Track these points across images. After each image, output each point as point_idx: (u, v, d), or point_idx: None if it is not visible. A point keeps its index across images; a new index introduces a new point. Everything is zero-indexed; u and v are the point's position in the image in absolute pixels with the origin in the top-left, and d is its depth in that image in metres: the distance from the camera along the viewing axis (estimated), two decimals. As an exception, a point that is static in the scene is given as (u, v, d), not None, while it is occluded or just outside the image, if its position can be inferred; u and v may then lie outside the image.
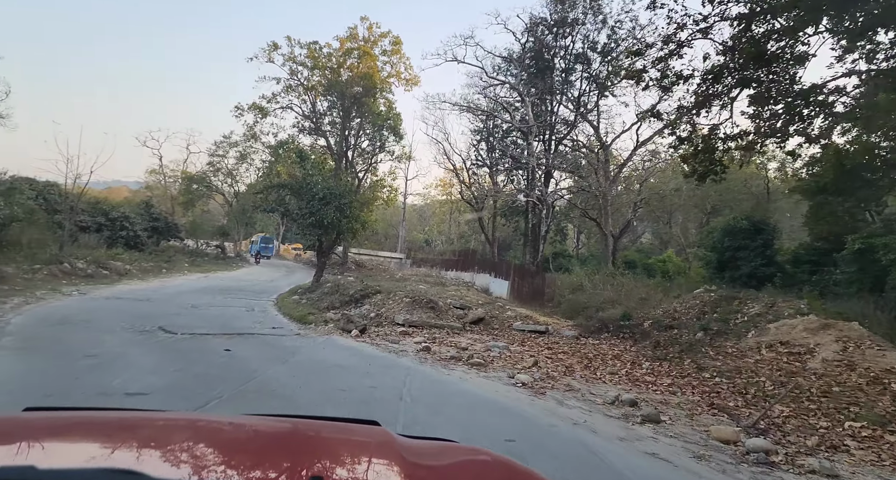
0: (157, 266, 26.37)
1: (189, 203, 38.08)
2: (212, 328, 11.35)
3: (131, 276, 22.40)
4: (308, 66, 40.41)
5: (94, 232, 29.16)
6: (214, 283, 23.36)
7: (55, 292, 15.12)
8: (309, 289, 20.82)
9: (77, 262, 20.79)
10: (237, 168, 37.55)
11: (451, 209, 62.83)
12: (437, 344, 10.99)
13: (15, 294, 13.50)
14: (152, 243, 32.43)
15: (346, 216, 21.71)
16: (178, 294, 17.95)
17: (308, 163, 20.94)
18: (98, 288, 17.53)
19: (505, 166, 33.52)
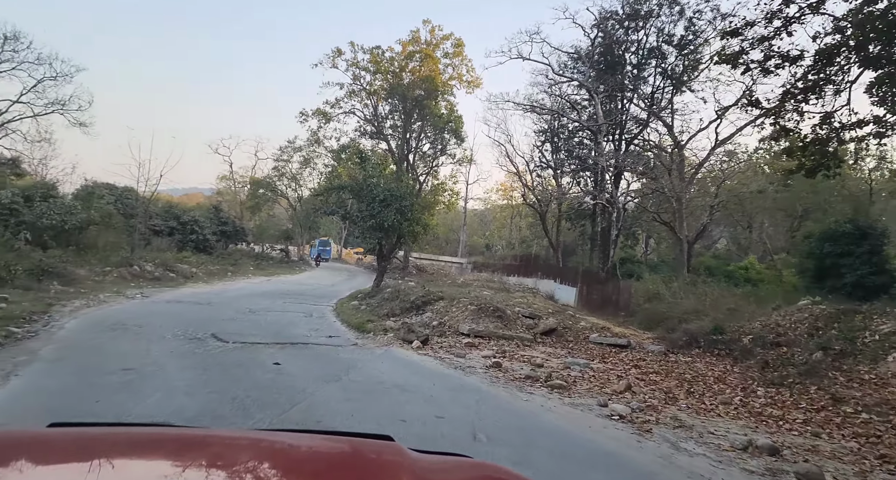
0: (223, 269, 26.34)
1: (255, 208, 38.43)
2: (265, 335, 10.48)
3: (197, 279, 22.29)
4: (371, 70, 40.12)
5: (166, 236, 29.67)
6: (276, 287, 22.93)
7: (119, 294, 14.85)
8: (369, 294, 19.94)
9: (146, 265, 20.83)
10: (301, 173, 37.70)
11: (512, 214, 61.25)
12: (508, 359, 9.64)
13: (80, 297, 13.22)
14: (220, 247, 32.75)
15: (407, 219, 20.72)
16: (239, 298, 17.44)
17: (369, 164, 20.13)
18: (162, 291, 17.27)
19: (571, 168, 31.72)
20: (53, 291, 13.17)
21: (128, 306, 13.13)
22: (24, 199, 20.06)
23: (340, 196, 20.84)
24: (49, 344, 7.92)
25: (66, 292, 13.35)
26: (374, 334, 11.58)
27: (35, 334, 8.76)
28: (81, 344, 8.11)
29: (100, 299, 13.38)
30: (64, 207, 20.66)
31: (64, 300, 12.24)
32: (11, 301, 10.86)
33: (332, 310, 16.55)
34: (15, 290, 12.32)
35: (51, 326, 9.46)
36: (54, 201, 20.59)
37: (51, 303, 11.27)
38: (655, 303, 19.61)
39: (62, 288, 13.88)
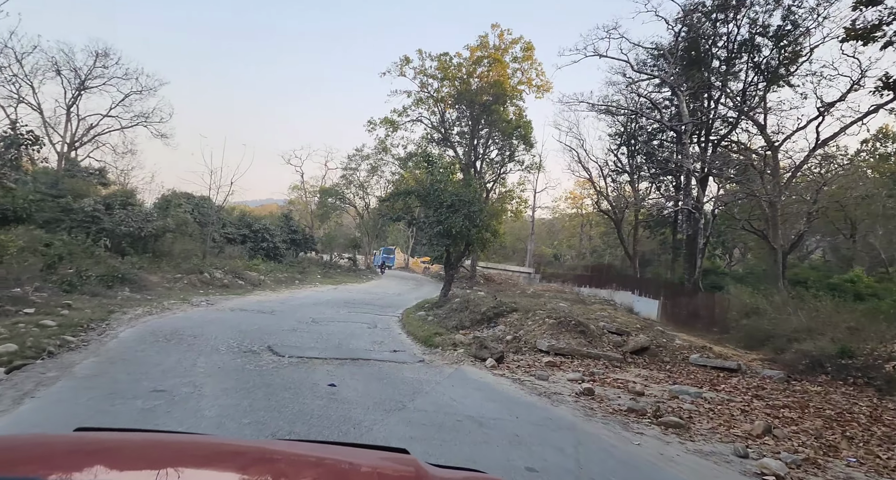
0: (291, 277, 26.07)
1: (324, 216, 38.48)
2: (325, 349, 9.48)
3: (264, 286, 21.98)
4: (438, 77, 39.45)
5: (239, 243, 29.94)
6: (342, 295, 22.26)
7: (184, 302, 14.44)
8: (436, 304, 18.80)
9: (215, 272, 20.70)
10: (368, 181, 37.42)
11: (582, 223, 58.84)
12: (600, 384, 8.12)
13: (145, 304, 12.83)
14: (290, 255, 32.78)
15: (476, 225, 19.47)
16: (303, 306, 16.75)
17: (436, 168, 19.11)
18: (228, 299, 16.86)
19: (651, 172, 29.45)
20: (120, 297, 12.84)
21: (190, 314, 12.59)
22: (105, 207, 20.45)
23: (407, 202, 19.90)
24: (91, 357, 7.20)
25: (133, 299, 13.00)
26: (442, 349, 10.33)
27: (86, 344, 8.14)
28: (124, 357, 7.34)
29: (164, 306, 12.93)
30: (141, 214, 20.91)
31: (127, 307, 11.82)
32: (75, 308, 10.47)
33: (397, 321, 15.51)
34: (83, 296, 12.03)
35: (105, 335, 8.85)
36: (132, 208, 20.87)
37: (112, 310, 10.80)
38: (755, 319, 17.29)
39: (130, 295, 13.58)
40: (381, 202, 22.98)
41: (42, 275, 13.37)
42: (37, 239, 17.10)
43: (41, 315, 9.37)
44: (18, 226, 11.69)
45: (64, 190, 21.05)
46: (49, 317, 9.23)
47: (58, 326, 8.74)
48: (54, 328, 8.63)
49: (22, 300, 9.90)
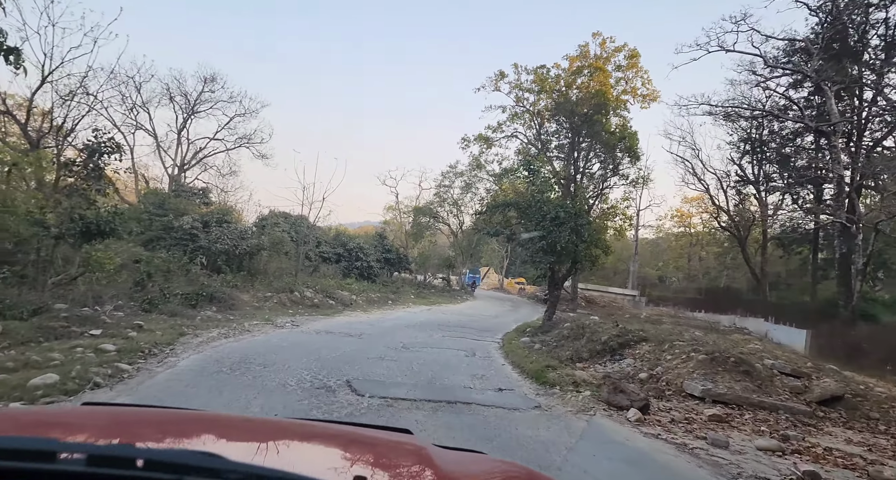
0: (384, 297, 24.79)
1: (418, 235, 37.37)
2: (415, 385, 7.58)
3: (355, 307, 20.75)
4: (534, 90, 37.55)
5: (333, 262, 29.36)
6: (436, 317, 20.50)
7: (268, 322, 13.25)
8: (540, 329, 16.47)
9: (306, 291, 19.75)
10: (462, 198, 35.90)
11: (691, 242, 53.77)
12: (811, 457, 5.50)
13: (224, 324, 11.70)
14: (384, 275, 31.79)
15: (584, 240, 17.03)
16: (394, 329, 15.11)
17: (538, 177, 16.99)
18: (316, 319, 15.60)
19: (787, 182, 25.35)
20: (200, 317, 11.80)
21: (270, 336, 11.25)
22: (203, 224, 20.27)
23: (505, 215, 17.88)
24: (129, 394, 5.78)
25: (212, 320, 11.93)
26: (560, 389, 8.04)
27: (136, 373, 6.81)
28: (168, 394, 5.86)
29: (243, 327, 11.72)
30: (236, 231, 20.54)
31: (203, 328, 10.67)
32: (145, 329, 9.39)
33: (498, 348, 13.38)
34: (160, 316, 11.08)
35: (163, 362, 7.53)
36: (227, 226, 20.56)
37: (184, 333, 9.64)
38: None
39: (212, 314, 12.58)
40: (478, 216, 21.13)
41: (130, 292, 12.76)
42: (134, 256, 16.95)
43: (105, 338, 8.28)
44: (104, 240, 10.94)
45: (168, 209, 21.23)
46: (112, 340, 8.11)
47: (117, 351, 7.54)
48: (112, 353, 7.42)
49: (92, 320, 8.94)
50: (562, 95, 36.11)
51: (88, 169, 10.19)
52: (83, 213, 10.38)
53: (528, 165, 17.24)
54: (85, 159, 10.12)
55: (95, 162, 10.09)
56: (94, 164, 10.13)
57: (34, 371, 6.38)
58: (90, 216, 10.44)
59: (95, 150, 10.07)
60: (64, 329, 8.26)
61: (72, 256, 10.95)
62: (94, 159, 10.07)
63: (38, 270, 10.03)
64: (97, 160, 10.13)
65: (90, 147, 10.11)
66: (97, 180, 10.15)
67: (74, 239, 10.43)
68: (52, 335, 7.96)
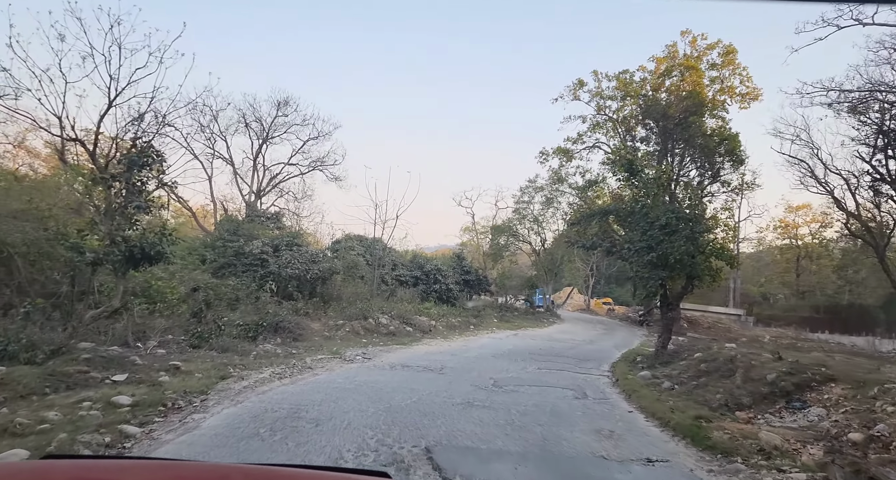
0: (465, 322, 22.50)
1: (497, 255, 34.92)
2: (524, 455, 5.18)
3: (435, 333, 18.59)
4: (617, 97, 34.63)
5: (410, 286, 27.58)
6: (524, 343, 17.92)
7: (336, 356, 11.30)
8: (656, 359, 13.54)
9: (381, 317, 17.86)
10: (543, 214, 33.20)
11: (799, 255, 47.92)
12: None
13: (282, 361, 9.82)
14: (463, 298, 29.59)
15: (702, 251, 14.03)
16: (480, 360, 12.75)
17: (641, 179, 14.23)
18: (391, 350, 13.54)
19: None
20: (255, 353, 10.01)
21: (335, 375, 9.24)
22: (273, 249, 19.05)
23: (602, 225, 15.17)
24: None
25: (269, 355, 10.12)
26: (745, 462, 5.28)
27: (142, 439, 4.90)
28: None
29: (305, 363, 9.80)
30: (307, 255, 19.14)
31: (254, 367, 8.83)
32: (183, 371, 7.65)
33: (610, 383, 10.67)
34: (210, 353, 9.41)
35: (187, 421, 5.62)
36: (298, 249, 19.20)
37: (227, 375, 7.79)
38: None
39: (270, 348, 10.80)
40: (570, 226, 18.50)
41: (186, 325, 11.31)
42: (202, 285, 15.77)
43: (129, 385, 6.56)
44: (151, 265, 9.46)
45: (241, 235, 20.26)
46: (135, 389, 6.37)
47: (132, 405, 5.74)
48: (124, 409, 5.63)
49: (118, 363, 7.29)
50: (648, 99, 32.94)
51: (129, 184, 8.73)
52: (125, 235, 8.92)
53: (629, 164, 14.52)
54: (123, 172, 8.68)
55: (136, 175, 8.62)
56: (135, 178, 8.67)
57: (6, 441, 4.62)
58: (134, 239, 8.95)
59: (134, 162, 8.62)
60: (81, 375, 6.61)
61: (115, 284, 9.54)
62: (134, 172, 8.62)
63: (73, 301, 8.62)
64: (137, 173, 8.67)
65: (128, 159, 8.68)
66: (137, 196, 8.67)
67: (116, 265, 8.99)
68: (63, 384, 6.31)
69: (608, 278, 53.72)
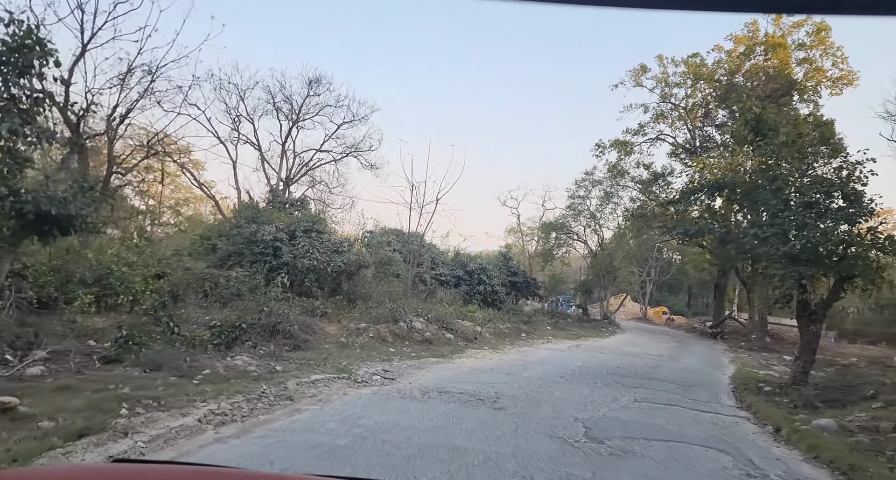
0: (515, 329, 18.52)
1: (547, 255, 30.74)
2: None
3: (482, 342, 14.72)
4: (685, 84, 30.17)
5: (452, 286, 23.82)
6: (594, 358, 13.83)
7: (343, 375, 7.59)
8: (792, 386, 9.37)
9: (416, 321, 14.12)
10: (601, 210, 28.86)
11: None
12: None
13: (255, 384, 6.16)
14: (510, 301, 25.58)
15: (862, 242, 9.72)
16: (547, 383, 8.83)
17: (771, 141, 9.98)
18: (425, 365, 9.75)
19: None
20: (204, 375, 6.28)
21: (328, 413, 5.52)
22: (290, 236, 15.65)
23: (710, 205, 11.00)
24: None
25: (236, 375, 6.47)
26: None
27: None
28: None
29: (286, 390, 6.12)
30: (329, 244, 15.64)
31: (184, 403, 5.14)
32: (20, 416, 4.05)
33: (763, 432, 6.61)
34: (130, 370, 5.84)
35: None
36: (318, 236, 15.72)
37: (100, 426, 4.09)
38: None
39: (242, 363, 7.14)
40: (666, 205, 14.32)
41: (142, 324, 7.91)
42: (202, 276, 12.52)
43: None
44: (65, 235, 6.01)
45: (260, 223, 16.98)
46: None
47: None
48: None
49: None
50: (722, 85, 28.35)
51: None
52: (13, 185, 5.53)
53: (755, 120, 10.24)
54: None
55: (12, 78, 5.17)
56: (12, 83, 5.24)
57: None
58: (29, 190, 5.55)
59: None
60: None
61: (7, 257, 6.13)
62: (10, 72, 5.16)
63: None
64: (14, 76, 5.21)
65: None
66: (15, 115, 5.19)
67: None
68: None
69: (660, 287, 48.55)
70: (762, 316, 23.08)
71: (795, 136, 10.17)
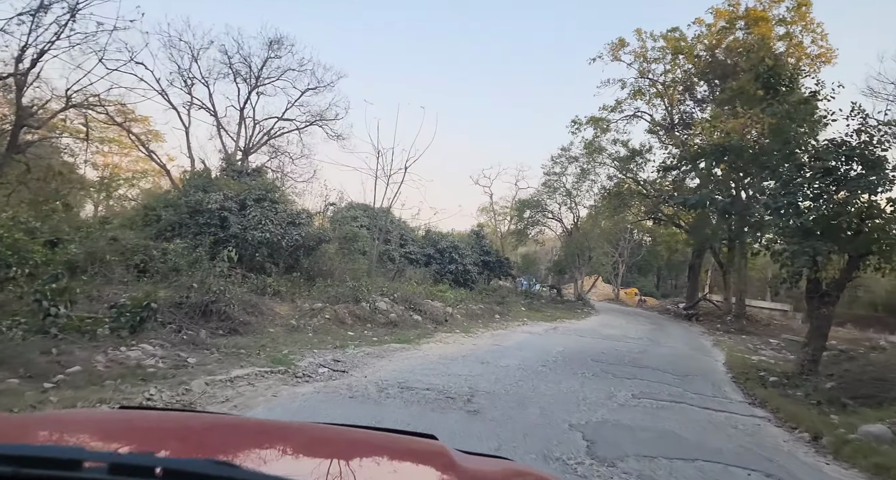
0: (488, 310, 17.11)
1: (521, 233, 29.36)
2: None
3: (452, 324, 13.24)
4: (664, 59, 28.85)
5: (422, 265, 22.30)
6: (574, 342, 12.51)
7: (279, 368, 5.96)
8: (801, 375, 8.19)
9: (380, 301, 12.50)
10: (577, 187, 27.48)
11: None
12: None
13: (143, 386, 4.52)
14: (482, 281, 24.21)
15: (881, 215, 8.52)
16: (528, 373, 7.40)
17: (789, 97, 8.54)
18: (386, 353, 8.19)
19: None
20: (66, 375, 4.53)
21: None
22: (239, 205, 13.76)
23: (712, 171, 9.63)
24: None
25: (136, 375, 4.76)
26: None
27: None
28: None
29: (188, 393, 4.44)
30: (286, 215, 13.83)
31: (65, 406, 3.48)
32: None
33: (791, 438, 5.32)
34: None
35: None
36: (273, 206, 13.88)
37: None
38: None
39: (140, 355, 5.42)
40: (662, 172, 12.91)
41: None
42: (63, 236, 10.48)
43: None
44: None
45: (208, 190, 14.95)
46: None
47: None
48: None
49: None
50: (701, 61, 27.14)
51: None
52: None
53: (767, 73, 8.78)
54: None
55: None
56: None
57: None
58: None
59: None
60: None
61: None
62: None
63: None
64: None
65: None
66: None
67: None
68: None
69: (630, 268, 47.97)
70: (740, 298, 22.23)
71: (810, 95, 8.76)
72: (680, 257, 40.96)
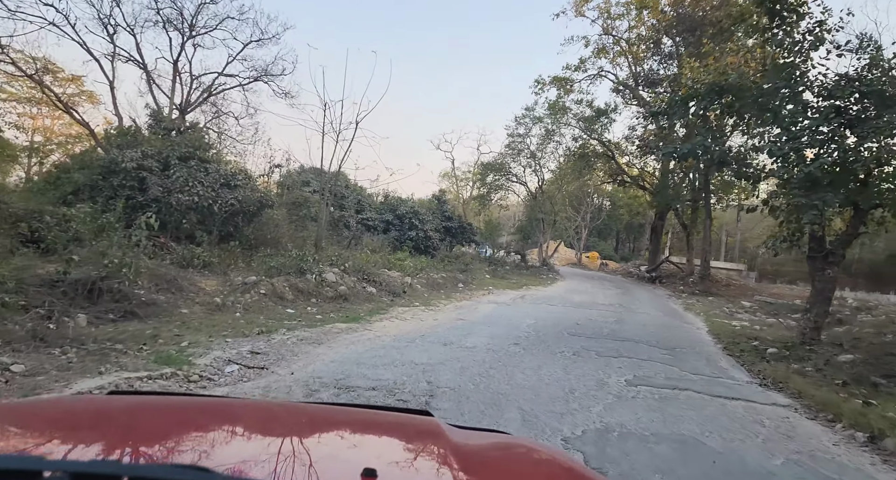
0: (451, 278, 15.66)
1: (484, 198, 27.87)
2: None
3: (412, 296, 11.71)
4: (628, 15, 27.22)
5: (381, 232, 20.62)
6: (545, 312, 11.21)
7: (167, 369, 4.31)
8: (803, 345, 7.10)
9: (329, 272, 10.79)
10: (542, 149, 26.00)
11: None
12: None
13: None
14: (444, 248, 22.76)
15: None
16: (500, 359, 5.94)
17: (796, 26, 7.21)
18: (327, 336, 6.60)
19: None
20: None
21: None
22: (162, 165, 11.63)
23: (700, 113, 8.26)
24: None
25: None
26: None
27: None
28: None
29: None
30: (218, 176, 11.80)
31: None
32: None
33: (839, 440, 4.08)
34: None
35: None
36: (201, 165, 11.81)
37: None
38: None
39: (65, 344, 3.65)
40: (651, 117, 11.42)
41: None
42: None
43: None
44: None
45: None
46: None
47: None
48: None
49: None
50: (667, 16, 25.64)
51: None
52: None
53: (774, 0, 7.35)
54: None
55: None
56: None
57: None
58: None
59: None
60: None
61: None
62: None
63: None
64: None
65: None
66: None
67: None
68: None
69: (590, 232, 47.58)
70: (705, 259, 21.55)
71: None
72: (640, 220, 40.51)
